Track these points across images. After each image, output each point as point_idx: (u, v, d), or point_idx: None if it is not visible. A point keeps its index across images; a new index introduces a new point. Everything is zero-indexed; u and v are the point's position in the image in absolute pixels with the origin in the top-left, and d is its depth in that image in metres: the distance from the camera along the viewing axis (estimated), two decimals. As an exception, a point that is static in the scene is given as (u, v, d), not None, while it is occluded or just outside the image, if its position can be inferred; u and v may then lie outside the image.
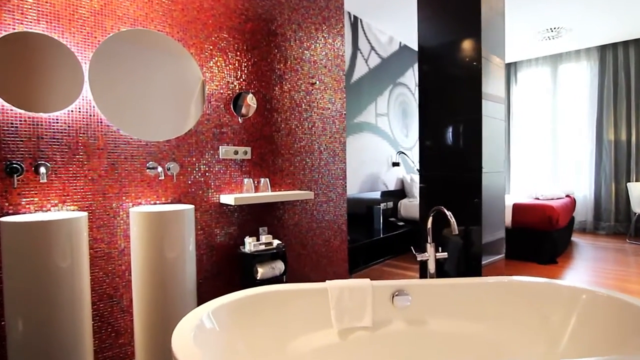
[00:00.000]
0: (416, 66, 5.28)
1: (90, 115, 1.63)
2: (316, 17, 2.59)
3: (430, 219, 1.60)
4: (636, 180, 4.98)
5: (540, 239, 3.67)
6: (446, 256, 1.61)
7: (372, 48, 4.31)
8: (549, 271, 3.36)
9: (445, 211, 1.53)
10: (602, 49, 5.26)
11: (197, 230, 1.97)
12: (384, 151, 4.54)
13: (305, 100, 2.52)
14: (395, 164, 4.70)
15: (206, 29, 2.01)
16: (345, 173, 2.82)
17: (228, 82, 2.11)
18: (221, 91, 2.08)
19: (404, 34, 4.65)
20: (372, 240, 3.60)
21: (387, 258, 3.87)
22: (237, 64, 2.15)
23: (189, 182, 1.94)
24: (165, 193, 1.85)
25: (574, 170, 5.57)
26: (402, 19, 4.16)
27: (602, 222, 5.31)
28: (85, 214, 1.48)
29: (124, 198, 1.72)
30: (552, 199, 4.50)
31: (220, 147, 2.07)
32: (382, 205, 4.41)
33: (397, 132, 4.81)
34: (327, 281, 1.47)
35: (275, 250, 2.03)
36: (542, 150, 5.83)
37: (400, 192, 4.82)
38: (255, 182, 2.23)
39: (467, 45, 2.12)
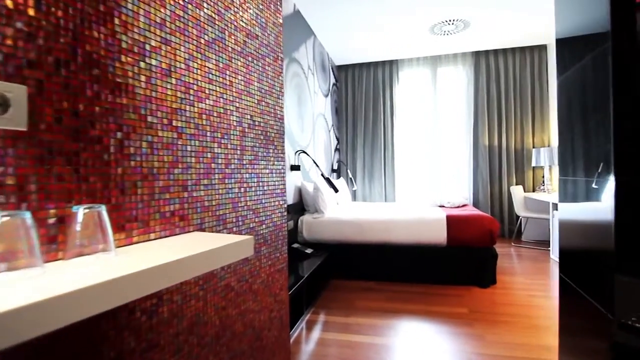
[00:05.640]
0: (309, 42, 4.14)
1: None
2: None
3: None
4: (515, 184, 5.09)
5: (482, 258, 3.00)
6: None
7: (267, -4, 2.92)
8: (497, 296, 2.67)
9: None
10: (476, 55, 5.27)
11: None
12: (281, 149, 3.19)
13: (208, -4, 0.98)
14: (295, 168, 3.41)
15: None
16: (284, 181, 1.37)
17: None
18: None
19: (300, -7, 3.44)
20: (291, 294, 2.21)
21: (309, 309, 2.53)
22: None
23: None
24: None
25: (455, 174, 5.46)
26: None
27: (482, 226, 5.29)
28: None
29: None
30: (458, 207, 4.05)
31: None
32: (283, 227, 3.04)
33: (293, 125, 3.54)
34: None
35: None
36: (424, 153, 5.54)
37: (299, 206, 3.56)
38: (52, 222, 0.59)
39: None
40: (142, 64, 0.79)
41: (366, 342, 2.07)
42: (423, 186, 5.53)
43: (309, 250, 3.06)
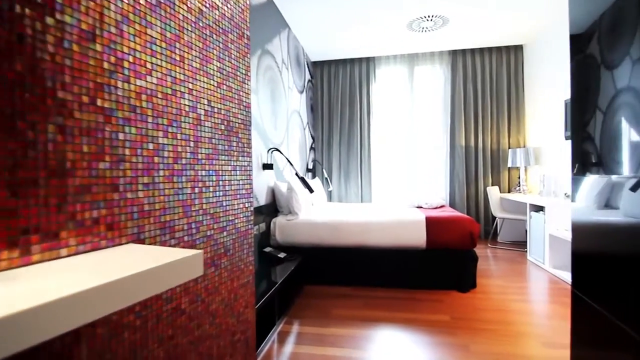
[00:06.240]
0: (284, 35, 3.95)
1: None
2: None
3: None
4: (491, 185, 5.08)
5: (462, 261, 2.90)
6: None
7: (238, -19, 2.71)
8: (478, 301, 2.58)
9: None
10: (453, 53, 5.23)
11: None
12: (253, 146, 2.99)
13: (151, -54, 0.78)
14: (267, 166, 3.21)
15: None
16: (251, 180, 1.18)
17: None
18: None
19: (274, -19, 3.25)
20: (262, 303, 2.01)
21: (282, 319, 2.34)
22: None
23: None
24: None
25: (431, 174, 5.40)
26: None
27: (458, 227, 5.26)
28: None
29: None
30: (436, 208, 3.97)
31: None
32: (254, 230, 2.84)
33: (266, 121, 3.34)
34: None
35: None
36: (401, 153, 5.46)
37: (272, 207, 3.36)
38: None
39: None
40: (49, 20, 0.58)
41: (343, 355, 1.90)
42: (400, 186, 5.45)
43: (281, 255, 2.87)
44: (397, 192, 5.44)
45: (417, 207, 4.04)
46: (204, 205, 0.93)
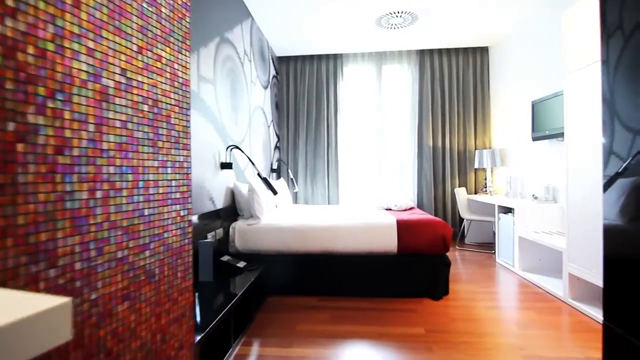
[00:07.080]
0: (246, 25, 3.65)
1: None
2: None
3: None
4: (458, 186, 5.04)
5: (434, 267, 2.75)
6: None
7: (192, -44, 2.40)
8: (452, 310, 2.44)
9: None
10: (421, 53, 5.15)
11: None
12: (210, 143, 2.68)
13: None
14: (226, 166, 2.91)
15: None
16: (188, 181, 0.91)
17: None
18: None
19: (235, -38, 2.95)
20: (216, 322, 1.72)
21: (239, 339, 2.06)
22: None
23: None
24: None
25: (399, 176, 5.29)
26: None
27: (425, 229, 5.18)
28: None
29: None
30: (406, 210, 3.84)
31: None
32: (209, 237, 2.54)
33: (225, 115, 3.04)
34: None
35: None
36: (369, 153, 5.31)
37: (232, 210, 3.06)
38: None
39: None
40: None
41: (309, 381, 1.66)
42: (368, 188, 5.30)
43: (241, 264, 2.59)
44: (365, 193, 5.28)
45: (386, 209, 3.88)
46: (111, 215, 0.66)
